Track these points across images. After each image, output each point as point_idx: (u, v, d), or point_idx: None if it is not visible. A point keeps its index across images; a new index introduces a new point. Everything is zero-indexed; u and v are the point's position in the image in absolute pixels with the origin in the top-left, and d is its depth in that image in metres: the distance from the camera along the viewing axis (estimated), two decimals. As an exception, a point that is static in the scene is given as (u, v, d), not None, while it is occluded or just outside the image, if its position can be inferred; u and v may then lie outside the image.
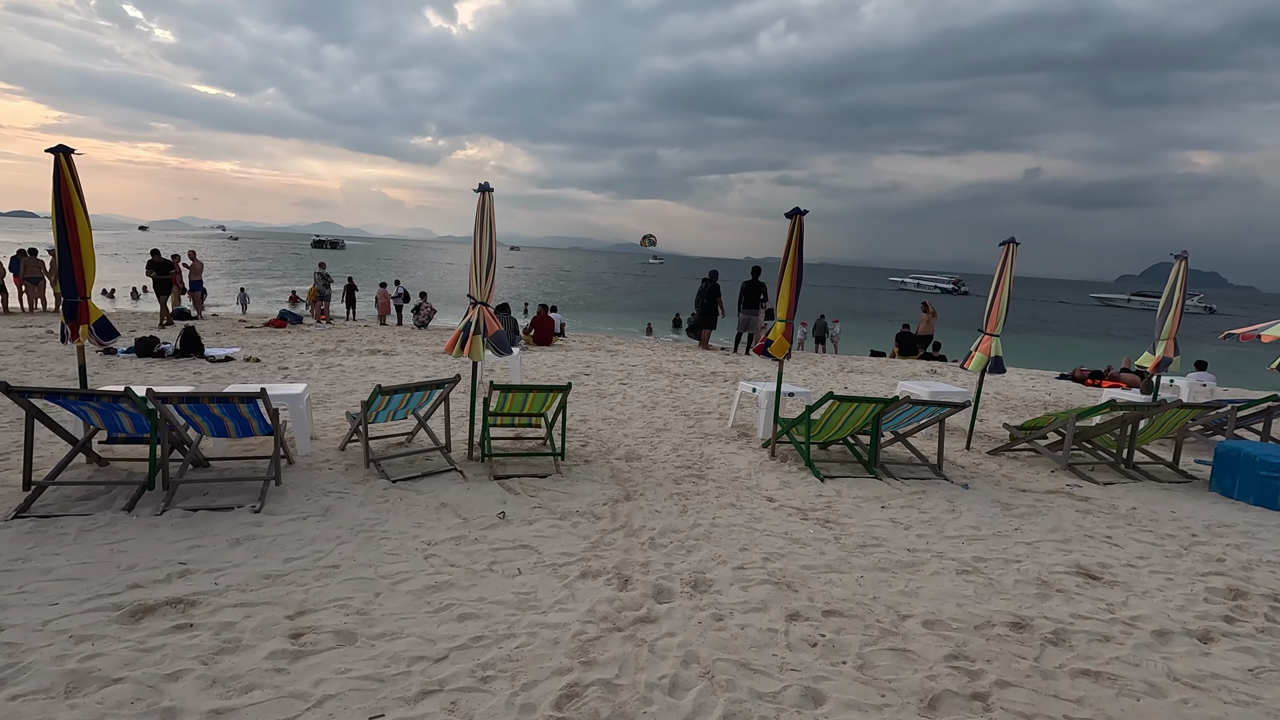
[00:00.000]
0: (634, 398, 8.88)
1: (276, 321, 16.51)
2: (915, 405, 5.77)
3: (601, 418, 7.61)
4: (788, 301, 5.98)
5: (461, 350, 5.21)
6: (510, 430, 6.49)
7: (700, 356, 13.57)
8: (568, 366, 11.17)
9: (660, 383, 10.12)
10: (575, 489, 4.99)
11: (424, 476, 5.05)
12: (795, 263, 5.91)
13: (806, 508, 4.85)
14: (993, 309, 6.78)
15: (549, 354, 12.70)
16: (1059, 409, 9.95)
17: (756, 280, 14.40)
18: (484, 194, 5.27)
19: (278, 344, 12.33)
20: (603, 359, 12.35)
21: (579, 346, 14.42)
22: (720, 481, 5.42)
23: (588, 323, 36.83)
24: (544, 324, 14.35)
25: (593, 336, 20.92)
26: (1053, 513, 5.04)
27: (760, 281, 14.41)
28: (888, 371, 13.04)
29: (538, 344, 14.22)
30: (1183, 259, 7.53)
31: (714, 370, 11.68)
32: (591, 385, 9.59)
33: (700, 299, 15.56)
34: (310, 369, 9.65)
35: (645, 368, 11.52)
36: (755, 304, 14.40)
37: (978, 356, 6.85)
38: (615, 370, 11.04)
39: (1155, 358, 7.63)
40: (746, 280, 14.51)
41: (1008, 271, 6.70)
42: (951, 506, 5.03)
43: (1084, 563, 4.09)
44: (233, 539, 3.71)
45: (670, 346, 15.61)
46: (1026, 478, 6.05)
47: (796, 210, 5.90)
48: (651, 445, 6.54)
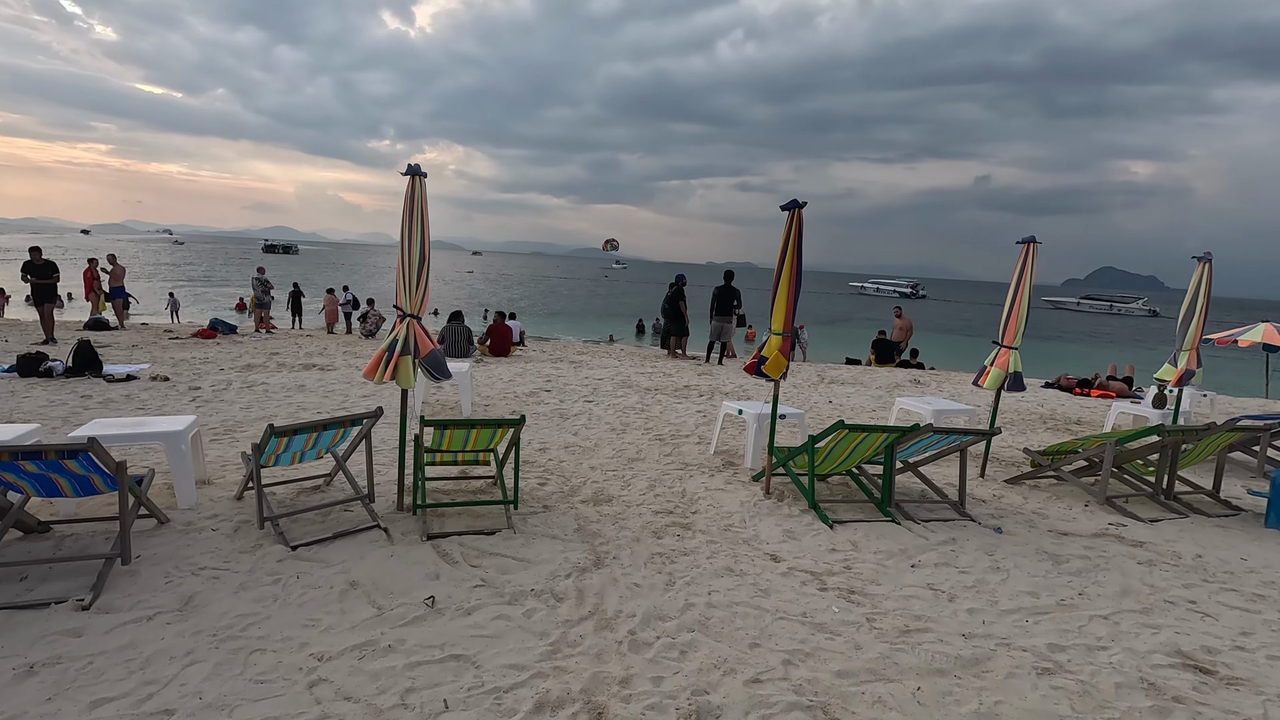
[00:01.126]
0: (601, 419, 7.84)
1: (205, 331, 15.00)
2: (937, 434, 4.87)
3: (564, 445, 6.56)
4: (785, 311, 5.03)
5: (384, 375, 4.11)
6: (454, 468, 5.40)
7: (670, 367, 12.61)
8: (526, 381, 10.07)
9: (630, 399, 9.11)
10: (531, 550, 3.94)
11: (336, 538, 3.93)
12: (794, 265, 4.97)
13: (822, 570, 3.88)
14: (1010, 319, 5.95)
15: (506, 366, 11.58)
16: (1057, 422, 9.25)
17: (729, 285, 13.52)
18: (414, 179, 4.19)
19: (199, 358, 10.95)
20: (565, 372, 11.29)
21: (539, 357, 13.33)
22: (710, 532, 4.43)
23: (550, 330, 35.64)
24: (500, 333, 13.21)
25: (555, 345, 19.81)
26: (1112, 566, 4.18)
27: (733, 287, 13.53)
28: (870, 382, 12.26)
29: (494, 355, 13.08)
30: (1206, 261, 6.83)
31: (687, 383, 10.71)
32: (553, 404, 8.52)
33: (666, 305, 14.63)
34: (228, 389, 8.37)
35: (612, 381, 10.49)
36: (728, 310, 13.52)
37: (994, 372, 6.00)
38: (579, 385, 9.99)
39: (1178, 370, 6.92)
40: (719, 285, 13.61)
41: (1028, 275, 5.87)
42: (994, 563, 4.13)
43: (1185, 648, 3.21)
44: (25, 665, 2.56)
45: (637, 356, 14.63)
46: (1060, 515, 5.21)
47: (794, 203, 4.96)
48: (624, 481, 5.52)
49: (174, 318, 23.78)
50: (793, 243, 4.94)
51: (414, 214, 4.18)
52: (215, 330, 15.42)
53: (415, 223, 4.19)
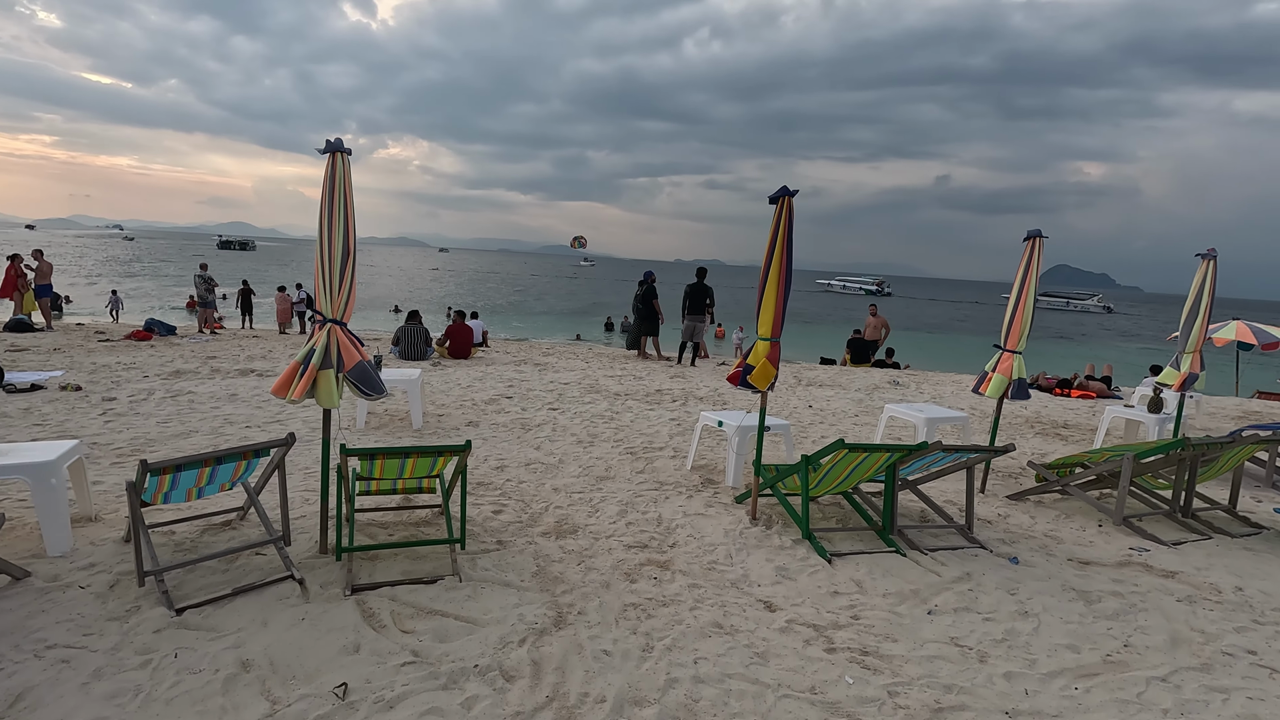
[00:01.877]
0: (567, 429, 7.17)
1: (140, 333, 13.90)
2: (945, 451, 4.32)
3: (525, 462, 5.88)
4: (774, 313, 4.42)
5: (297, 392, 3.38)
6: (394, 496, 4.69)
7: (641, 369, 11.97)
8: (486, 386, 9.33)
9: (598, 406, 8.44)
10: (478, 605, 3.26)
11: (237, 595, 3.21)
12: (783, 260, 4.36)
13: (826, 622, 3.28)
14: (1014, 321, 5.44)
15: (466, 369, 10.81)
16: (1044, 426, 8.85)
17: (702, 283, 12.93)
18: (334, 157, 3.47)
19: (125, 363, 9.97)
20: (529, 375, 10.57)
21: (503, 359, 12.58)
22: (692, 573, 3.80)
23: (516, 329, 34.74)
24: (460, 334, 12.42)
25: (520, 345, 19.04)
26: (1150, 605, 3.66)
27: (706, 285, 12.96)
28: (848, 383, 11.78)
29: (453, 357, 12.29)
30: (1210, 258, 6.43)
31: (659, 387, 10.09)
32: (514, 413, 7.81)
33: (636, 304, 13.99)
34: (147, 399, 7.48)
35: (579, 386, 9.81)
36: (701, 309, 12.93)
37: (996, 379, 5.49)
38: (544, 390, 9.29)
39: (1180, 374, 6.51)
40: (691, 283, 13.02)
41: (1033, 274, 5.37)
42: (1020, 604, 3.58)
43: (1265, 717, 2.68)
44: None
45: (606, 357, 13.97)
46: (1075, 538, 4.70)
47: (784, 190, 4.36)
48: (591, 506, 4.86)
49: (115, 317, 22.39)
50: (782, 236, 4.33)
51: (335, 199, 3.47)
52: (151, 331, 14.32)
53: (337, 210, 3.47)
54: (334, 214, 3.46)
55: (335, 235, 3.47)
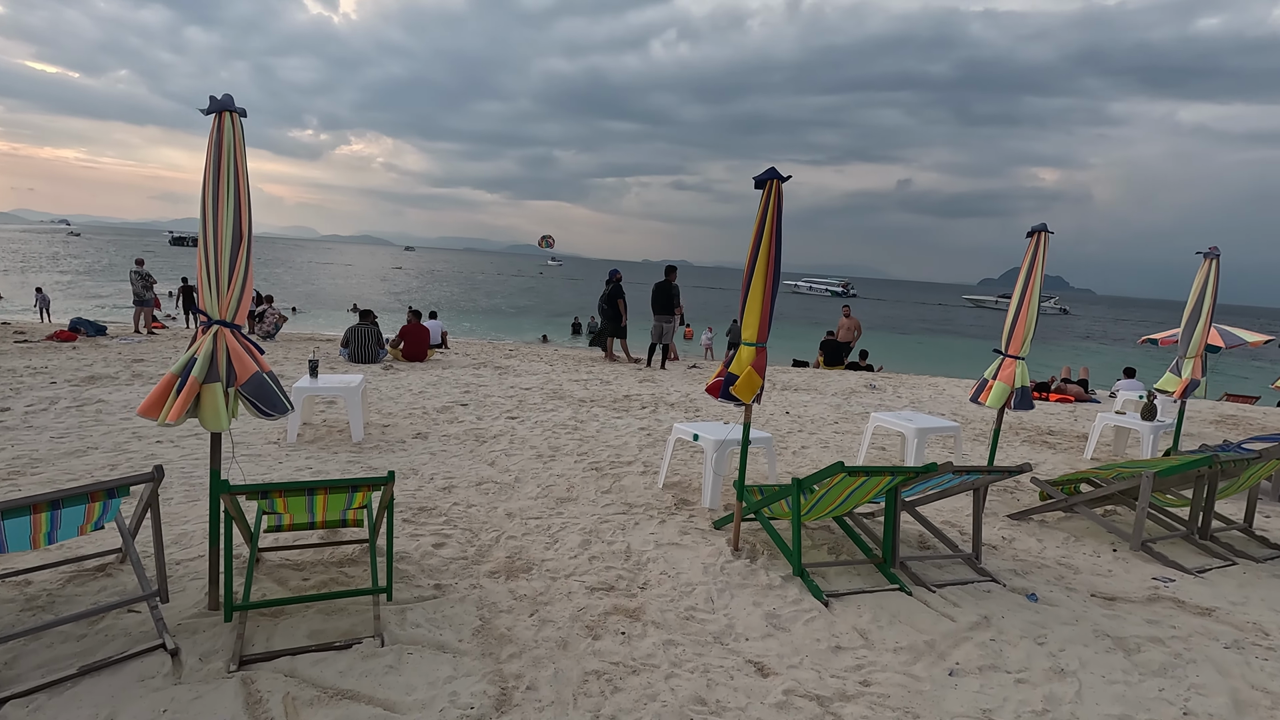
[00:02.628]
0: (526, 440, 6.51)
1: (63, 333, 12.80)
2: (956, 473, 3.78)
3: (477, 481, 5.21)
4: (760, 315, 3.84)
5: (173, 413, 2.68)
6: (313, 530, 3.98)
7: (608, 372, 11.34)
8: (440, 392, 8.60)
9: (561, 414, 7.79)
10: (401, 680, 2.61)
11: (84, 675, 2.50)
12: (770, 255, 3.79)
13: (831, 692, 2.70)
14: (1018, 323, 4.95)
15: (420, 373, 10.05)
16: (1030, 433, 8.46)
17: (670, 282, 12.36)
18: (220, 117, 2.78)
19: (35, 367, 8.99)
20: (488, 379, 9.86)
21: (462, 361, 11.82)
22: (668, 624, 3.19)
23: (480, 329, 33.79)
24: (415, 335, 11.63)
25: (482, 346, 18.25)
26: (1197, 655, 3.16)
27: (674, 284, 12.39)
28: (824, 387, 11.32)
29: (408, 359, 11.50)
30: (1213, 257, 6.06)
31: (628, 393, 9.47)
32: (468, 423, 7.11)
33: (602, 304, 13.37)
34: (48, 409, 6.61)
35: (542, 391, 9.14)
36: (670, 309, 12.35)
37: (998, 387, 4.99)
38: (502, 396, 8.60)
39: (1182, 380, 6.13)
40: (659, 282, 12.43)
41: (1038, 271, 4.89)
42: (1053, 659, 3.04)
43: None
44: None
45: (571, 359, 13.30)
46: (1091, 566, 4.22)
47: (772, 173, 3.78)
48: (550, 536, 4.22)
49: (42, 316, 20.94)
50: (770, 227, 3.76)
51: (224, 171, 2.77)
52: (78, 331, 13.22)
53: (226, 184, 2.78)
54: (221, 189, 2.77)
55: (223, 216, 2.77)
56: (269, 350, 11.96)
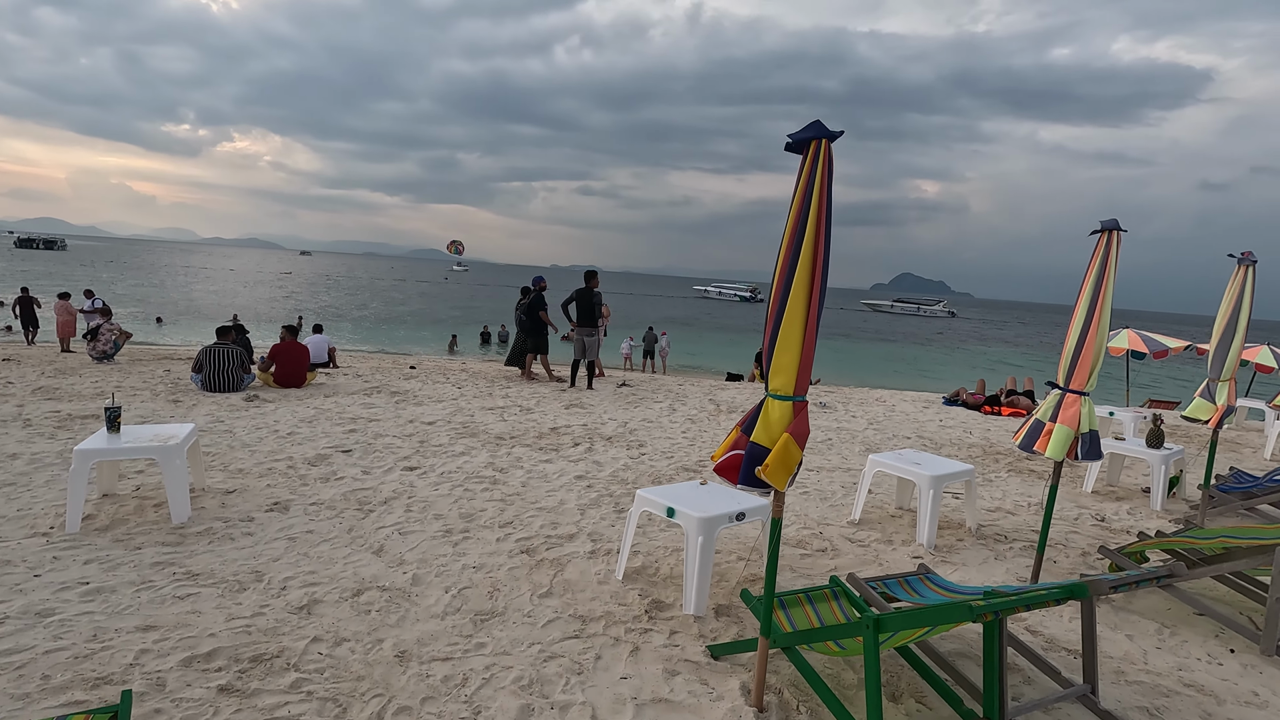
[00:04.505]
0: (429, 505, 4.87)
1: None
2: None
3: (354, 588, 3.56)
4: (799, 348, 2.45)
5: None
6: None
7: (528, 396, 9.73)
8: (316, 434, 6.74)
9: (475, 459, 6.16)
10: None
11: None
12: (817, 255, 2.41)
13: None
14: (1083, 350, 3.81)
15: (295, 404, 8.08)
16: (1010, 459, 7.56)
17: (591, 289, 10.90)
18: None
19: None
20: (382, 410, 8.03)
21: (352, 385, 9.86)
22: None
23: (380, 339, 31.01)
24: (290, 355, 9.58)
25: (379, 361, 16.10)
26: None
27: (596, 290, 10.93)
28: (772, 408, 10.16)
29: (281, 385, 9.45)
30: (1249, 264, 5.23)
31: (554, 424, 7.92)
32: (351, 479, 5.37)
33: (520, 315, 11.76)
34: None
35: (449, 426, 7.44)
36: (593, 319, 10.89)
37: (1058, 432, 3.84)
38: (399, 435, 6.84)
39: (1218, 407, 5.26)
40: (579, 289, 10.95)
41: (1108, 282, 3.78)
42: None
43: None
44: None
45: (483, 379, 11.56)
46: (1224, 688, 3.10)
47: (816, 131, 2.41)
48: (466, 702, 2.67)
49: None
50: (816, 214, 2.38)
51: None
52: None
53: None
54: None
55: None
56: (103, 375, 9.58)
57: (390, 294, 65.01)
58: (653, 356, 24.38)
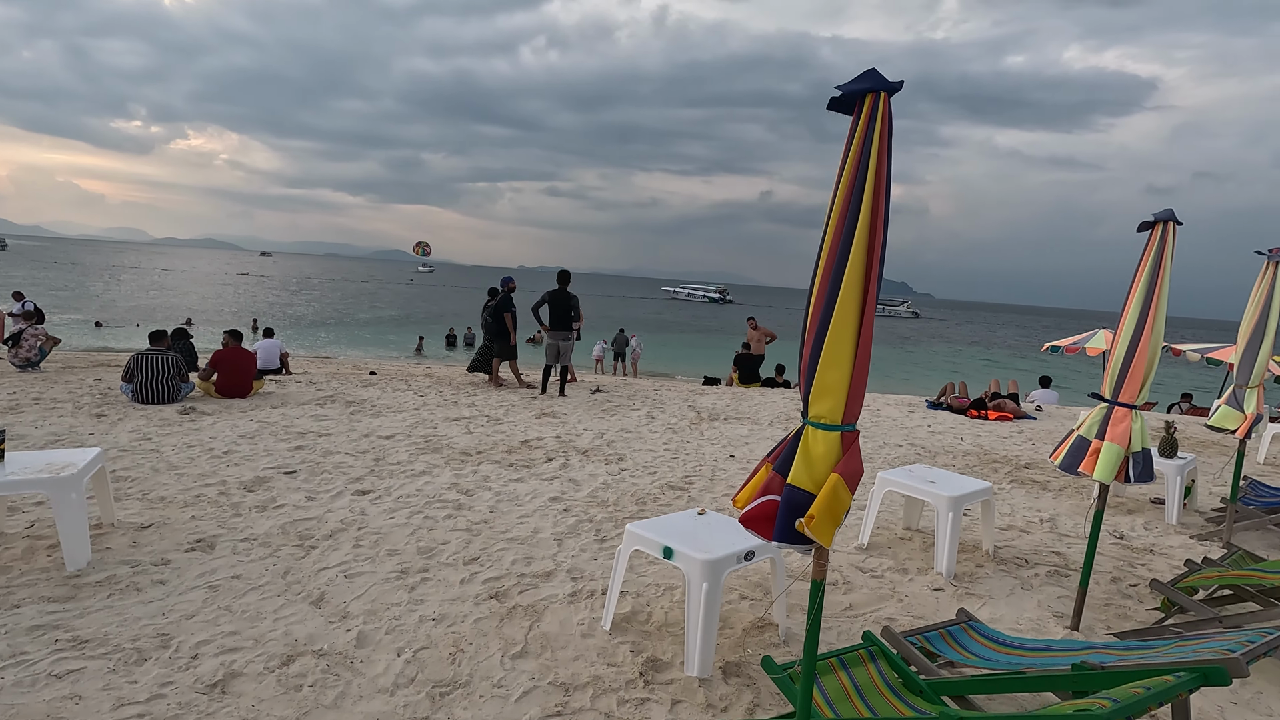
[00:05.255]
0: (382, 539, 4.22)
1: None
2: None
3: (284, 653, 2.91)
4: (849, 361, 1.90)
5: None
6: None
7: (495, 404, 9.07)
8: (257, 451, 6.00)
9: (437, 479, 5.51)
10: None
11: None
12: (873, 240, 1.86)
13: None
14: (1135, 357, 3.35)
15: (237, 417, 7.30)
16: (1009, 466, 7.16)
17: (566, 291, 10.30)
18: None
19: None
20: (335, 423, 7.31)
21: (304, 393, 9.07)
22: None
23: (341, 341, 29.87)
24: (233, 363, 8.77)
25: (338, 365, 15.26)
26: None
27: (570, 293, 10.34)
28: (755, 414, 9.67)
29: (224, 394, 8.64)
30: (1277, 262, 4.87)
31: (525, 436, 7.28)
32: (292, 508, 4.68)
33: (486, 318, 11.09)
34: None
35: (409, 440, 6.76)
36: (568, 322, 10.29)
37: (1107, 451, 3.37)
38: (352, 451, 6.15)
39: (1246, 415, 4.88)
40: (552, 290, 10.34)
41: (1163, 278, 3.32)
42: None
43: None
44: None
45: (448, 385, 10.85)
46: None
47: (871, 82, 1.86)
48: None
49: None
50: (873, 185, 1.84)
51: None
52: None
53: None
54: None
55: None
56: (24, 386, 8.66)
57: (354, 296, 63.32)
58: (624, 359, 23.82)
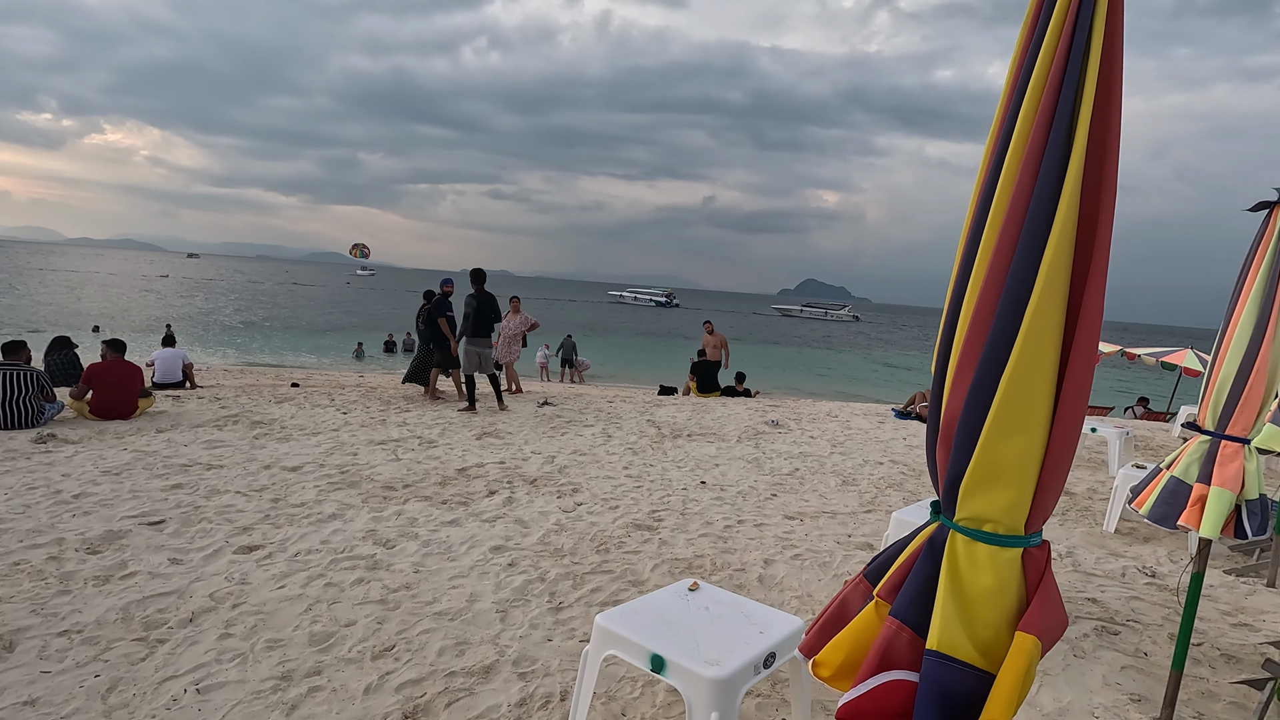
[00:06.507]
0: (269, 619, 3.15)
1: None
2: None
3: None
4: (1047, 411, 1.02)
5: None
6: None
7: (430, 423, 7.97)
8: (122, 491, 4.78)
9: (350, 526, 4.44)
10: None
11: None
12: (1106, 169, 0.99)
13: None
14: (1252, 379, 2.61)
15: (105, 448, 6.00)
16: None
17: (484, 292, 9.29)
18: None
19: None
20: (230, 451, 6.09)
21: (204, 411, 7.75)
22: None
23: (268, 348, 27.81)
24: (113, 377, 7.39)
25: (256, 376, 13.79)
26: None
27: (489, 294, 9.32)
28: (721, 429, 8.84)
29: (100, 416, 7.27)
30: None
31: (464, 463, 6.23)
32: (142, 582, 3.54)
33: (419, 324, 10.00)
34: None
35: (321, 472, 5.62)
36: (488, 329, 9.26)
37: (1215, 498, 2.62)
38: (245, 489, 4.99)
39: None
40: (471, 293, 9.30)
41: None
42: None
43: None
44: None
45: (377, 400, 9.65)
46: None
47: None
48: None
49: None
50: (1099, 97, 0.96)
51: None
52: None
53: None
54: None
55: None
56: None
57: (286, 300, 60.16)
58: (571, 365, 22.83)
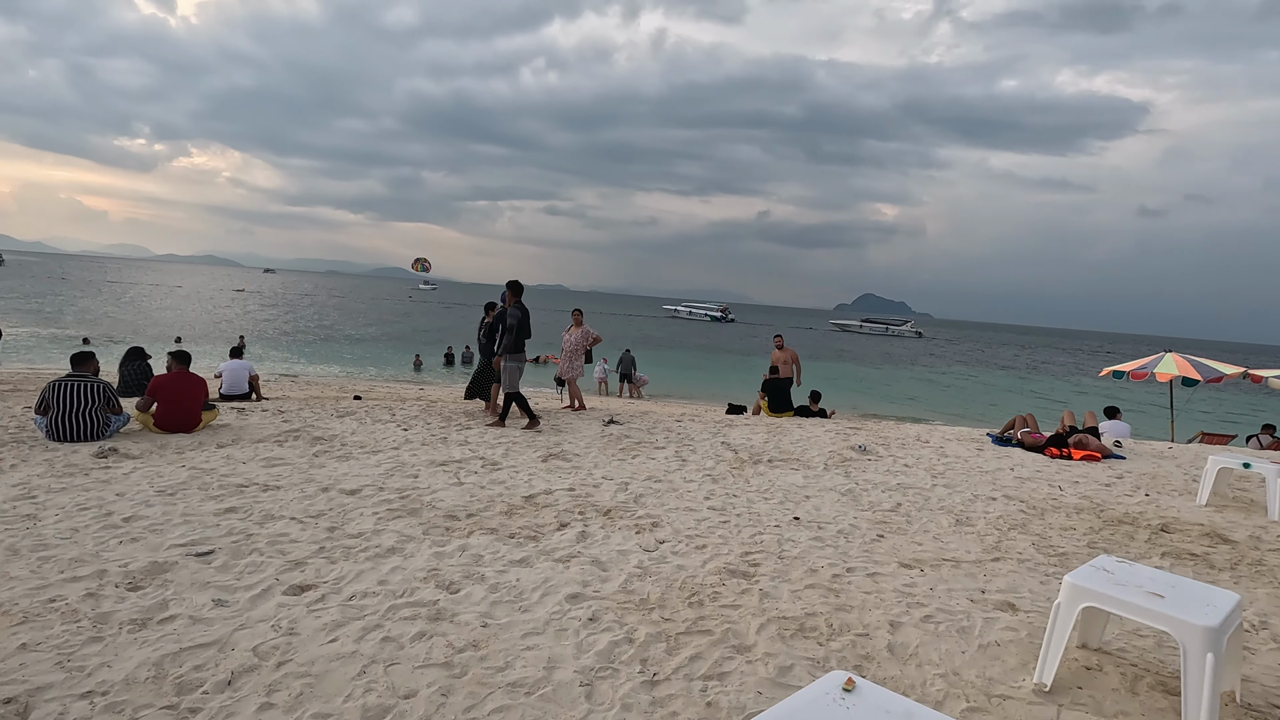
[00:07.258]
0: (317, 684, 2.65)
1: None
2: None
3: None
4: None
5: None
6: None
7: (493, 442, 7.53)
8: (172, 517, 4.44)
9: (411, 564, 3.95)
10: None
11: None
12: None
13: None
14: None
15: (165, 464, 5.74)
16: (1131, 525, 5.58)
17: (522, 304, 8.77)
18: None
19: None
20: (288, 470, 5.75)
21: (265, 427, 7.52)
22: None
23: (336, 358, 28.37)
24: (176, 391, 7.23)
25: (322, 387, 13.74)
26: None
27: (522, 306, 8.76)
28: (804, 454, 8.10)
29: (164, 429, 7.10)
30: None
31: (531, 489, 5.72)
32: (181, 629, 3.11)
33: (481, 337, 9.64)
34: None
35: (380, 497, 5.19)
36: (521, 344, 8.77)
37: None
38: (300, 515, 4.58)
39: None
40: (513, 305, 8.70)
41: None
42: None
43: None
44: None
45: (438, 416, 9.31)
46: None
47: None
48: None
49: None
50: None
51: None
52: None
53: None
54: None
55: None
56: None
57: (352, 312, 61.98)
58: (630, 380, 22.38)
